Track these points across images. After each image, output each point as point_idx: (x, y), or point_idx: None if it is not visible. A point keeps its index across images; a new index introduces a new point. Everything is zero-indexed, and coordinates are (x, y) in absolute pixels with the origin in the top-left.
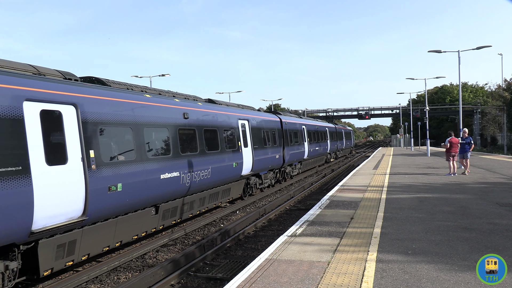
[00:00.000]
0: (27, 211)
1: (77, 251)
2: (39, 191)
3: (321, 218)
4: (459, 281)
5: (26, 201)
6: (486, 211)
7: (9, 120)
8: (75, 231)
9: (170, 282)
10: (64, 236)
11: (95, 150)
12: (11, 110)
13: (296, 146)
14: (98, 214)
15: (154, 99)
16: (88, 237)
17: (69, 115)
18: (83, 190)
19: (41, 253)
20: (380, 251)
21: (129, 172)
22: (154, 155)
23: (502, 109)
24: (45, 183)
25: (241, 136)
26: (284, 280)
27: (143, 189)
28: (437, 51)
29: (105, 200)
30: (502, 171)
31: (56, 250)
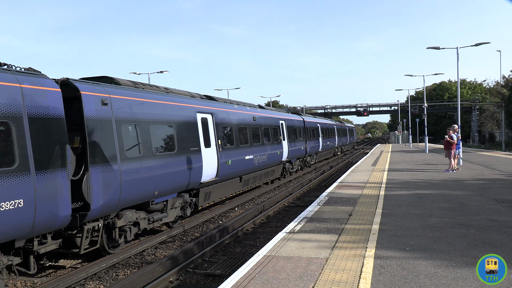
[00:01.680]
0: (200, 171)
1: (211, 198)
2: (203, 161)
3: (319, 215)
4: (457, 277)
5: (200, 165)
6: (484, 208)
7: (193, 124)
8: (211, 186)
9: (168, 279)
10: (207, 188)
11: (220, 140)
12: (195, 117)
13: (313, 140)
14: (221, 177)
15: (240, 108)
16: (216, 190)
17: (210, 120)
18: (216, 163)
19: (200, 196)
20: (378, 247)
21: (233, 153)
22: (242, 143)
23: (500, 106)
24: (205, 157)
25: (280, 132)
26: (283, 276)
27: (238, 165)
28: (435, 48)
29: (224, 169)
30: (500, 168)
31: (204, 195)
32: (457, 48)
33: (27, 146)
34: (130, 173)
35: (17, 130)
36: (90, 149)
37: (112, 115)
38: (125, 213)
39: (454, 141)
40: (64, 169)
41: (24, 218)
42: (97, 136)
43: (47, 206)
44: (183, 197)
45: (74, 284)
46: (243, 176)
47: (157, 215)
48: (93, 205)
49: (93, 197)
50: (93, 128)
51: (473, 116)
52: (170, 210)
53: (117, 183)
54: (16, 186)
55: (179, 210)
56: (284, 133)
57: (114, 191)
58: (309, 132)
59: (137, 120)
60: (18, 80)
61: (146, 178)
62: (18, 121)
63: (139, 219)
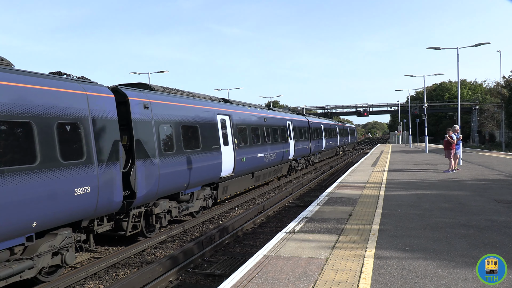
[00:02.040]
0: (220, 167)
1: (228, 191)
2: (223, 158)
3: (319, 215)
4: (457, 278)
5: (220, 162)
6: (484, 208)
7: (215, 124)
8: (228, 181)
9: (168, 279)
10: (225, 182)
11: (236, 139)
12: (215, 119)
13: (317, 140)
14: (237, 173)
15: (252, 109)
16: (232, 185)
17: (228, 121)
18: (233, 159)
19: (219, 189)
20: (378, 247)
21: (247, 151)
22: (254, 142)
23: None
24: (223, 154)
25: (287, 132)
26: (282, 276)
27: (251, 162)
28: (436, 48)
29: (240, 165)
30: (500, 168)
31: (223, 189)
32: (457, 48)
33: (92, 142)
34: (166, 167)
35: (84, 129)
36: (136, 146)
37: (152, 117)
38: (161, 202)
39: (454, 141)
40: (117, 162)
41: (90, 202)
42: (141, 135)
43: (106, 193)
44: (205, 190)
45: (74, 283)
46: (255, 173)
47: (185, 205)
48: (138, 194)
49: (138, 187)
50: (138, 128)
51: (473, 116)
52: (196, 201)
53: (156, 176)
54: (84, 176)
55: (202, 201)
56: (290, 133)
57: (154, 183)
58: (313, 132)
59: (170, 121)
60: (84, 89)
61: (178, 172)
62: (85, 122)
63: (171, 207)
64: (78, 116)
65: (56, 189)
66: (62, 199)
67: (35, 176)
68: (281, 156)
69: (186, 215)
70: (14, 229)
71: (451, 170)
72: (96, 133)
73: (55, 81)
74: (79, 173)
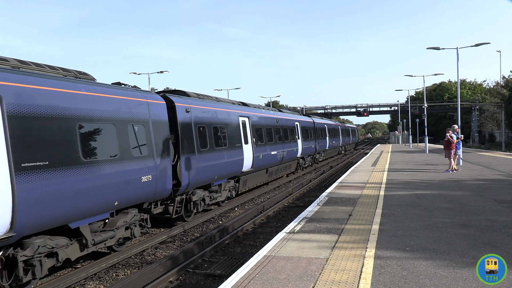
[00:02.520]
0: (242, 162)
1: (247, 184)
2: (244, 155)
3: (319, 215)
4: (457, 278)
5: (242, 158)
6: (484, 208)
7: (237, 125)
8: (247, 175)
9: (168, 279)
10: (245, 176)
11: (254, 138)
12: (238, 120)
13: (322, 140)
14: (255, 168)
15: (266, 111)
16: (250, 179)
17: (247, 122)
18: (252, 156)
19: (240, 182)
20: (378, 247)
21: (263, 149)
22: (268, 141)
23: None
24: (244, 151)
25: (296, 132)
26: (283, 276)
27: (266, 159)
28: (435, 48)
29: (257, 162)
30: (500, 168)
31: (243, 182)
32: (457, 48)
33: (152, 140)
34: (202, 161)
35: (146, 130)
36: (181, 143)
37: (191, 119)
38: (197, 191)
39: (454, 141)
40: (169, 156)
41: (151, 188)
42: (184, 134)
43: (161, 181)
44: (230, 182)
45: (74, 284)
46: (269, 169)
47: (215, 194)
48: (182, 183)
49: (182, 177)
50: (182, 128)
51: (473, 116)
52: (223, 191)
53: (196, 168)
54: (148, 167)
55: (228, 192)
56: (299, 133)
57: (193, 174)
58: (318, 132)
59: (204, 122)
60: (145, 97)
61: (210, 165)
62: (147, 124)
63: (205, 196)
64: (142, 119)
65: (130, 177)
66: (133, 185)
67: (117, 166)
68: (291, 154)
69: (214, 204)
70: (105, 206)
71: (451, 170)
72: (154, 133)
73: (128, 92)
74: (144, 164)
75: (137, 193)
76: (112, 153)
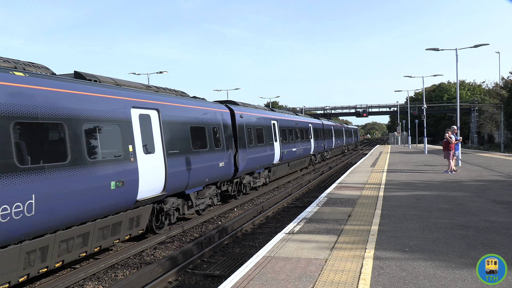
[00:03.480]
0: (273, 156)
1: (276, 174)
2: (275, 150)
3: (318, 216)
4: (456, 278)
5: (273, 153)
6: (483, 209)
7: (270, 127)
8: (276, 167)
9: (167, 280)
10: (274, 168)
11: (281, 137)
12: (270, 123)
13: (328, 139)
14: (282, 161)
15: (287, 115)
16: (278, 170)
17: (276, 124)
18: (279, 152)
19: (271, 172)
20: (377, 248)
21: (286, 146)
22: (290, 140)
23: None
24: (275, 148)
25: (310, 132)
26: (282, 277)
27: (289, 154)
28: (435, 49)
29: (283, 156)
30: (499, 169)
31: (273, 172)
32: (456, 49)
33: (222, 137)
34: (250, 154)
35: (220, 130)
36: (238, 140)
37: (243, 123)
38: (246, 176)
39: (452, 141)
40: (232, 149)
41: (223, 171)
42: (240, 134)
43: (229, 167)
44: (265, 172)
45: (73, 284)
46: (290, 162)
47: (256, 179)
48: (239, 169)
49: (239, 165)
50: (238, 129)
51: (472, 117)
52: (260, 178)
53: (246, 159)
54: (222, 156)
55: (263, 179)
56: (311, 133)
57: (245, 163)
58: (326, 133)
59: (251, 125)
60: (219, 108)
61: (255, 157)
62: (219, 126)
63: (250, 180)
64: (218, 123)
65: (214, 162)
66: (215, 168)
67: (208, 155)
68: (306, 151)
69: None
70: (202, 181)
71: (450, 171)
72: (224, 133)
73: (212, 104)
74: (221, 154)
75: (217, 174)
76: (206, 146)
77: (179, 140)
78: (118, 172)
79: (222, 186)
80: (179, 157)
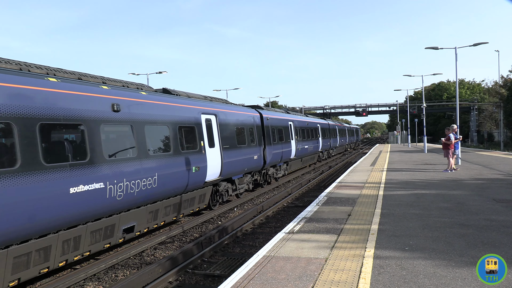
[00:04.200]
0: (291, 152)
1: (291, 168)
2: (291, 147)
3: (318, 215)
4: (456, 277)
5: (290, 149)
6: (483, 207)
7: (288, 127)
8: (292, 161)
9: (168, 280)
10: (291, 162)
11: (296, 136)
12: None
13: (334, 138)
14: (296, 157)
15: (300, 116)
16: (293, 164)
17: (292, 125)
18: (295, 148)
19: (289, 165)
20: (377, 247)
21: (301, 144)
22: (303, 139)
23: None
24: (291, 145)
25: (318, 132)
26: (282, 277)
27: (302, 151)
28: (434, 48)
29: (297, 152)
30: (499, 167)
31: (289, 166)
32: (455, 48)
33: (255, 136)
34: (273, 150)
35: (254, 130)
36: (265, 138)
37: (269, 124)
38: (270, 168)
39: (450, 142)
40: (262, 145)
41: (256, 163)
42: (267, 133)
43: (260, 159)
44: (284, 165)
45: (73, 285)
46: (302, 158)
47: (277, 171)
48: (266, 161)
49: (266, 158)
50: (266, 129)
51: (472, 116)
52: (281, 170)
53: (271, 154)
54: (255, 150)
55: (283, 171)
56: (319, 132)
57: (271, 157)
58: (332, 132)
59: (274, 126)
60: (252, 112)
61: (277, 153)
62: (253, 127)
63: (274, 171)
64: (252, 124)
65: (251, 156)
66: (251, 160)
67: (246, 150)
68: (315, 148)
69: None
70: (242, 170)
71: (450, 170)
72: (257, 132)
73: (248, 108)
74: (254, 149)
75: (252, 165)
76: (245, 143)
77: (228, 138)
78: (196, 160)
79: (254, 176)
80: (229, 151)
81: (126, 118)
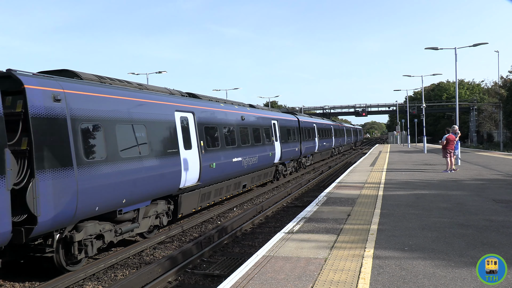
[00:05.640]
0: (299, 151)
1: (314, 159)
2: (300, 146)
3: (318, 215)
4: (456, 277)
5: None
6: (482, 208)
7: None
8: (315, 154)
9: (167, 279)
10: (315, 154)
11: (318, 135)
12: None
13: (342, 137)
14: (317, 150)
15: (318, 119)
16: (315, 157)
17: (315, 126)
18: (318, 144)
19: (314, 156)
20: (377, 247)
21: (321, 141)
22: (322, 137)
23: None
24: (316, 142)
25: (332, 132)
26: (281, 276)
27: (322, 147)
28: (434, 48)
29: (319, 147)
30: (498, 168)
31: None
32: (455, 48)
33: (295, 134)
34: (306, 145)
35: (295, 130)
36: (301, 135)
37: (302, 126)
38: (302, 158)
39: (443, 143)
40: (299, 141)
41: (297, 153)
42: (302, 132)
43: (298, 151)
44: (294, 162)
45: (73, 284)
46: (322, 152)
47: (307, 160)
48: (282, 157)
49: (282, 154)
50: (301, 130)
51: (471, 116)
52: (308, 160)
53: (304, 148)
54: (296, 144)
55: (310, 161)
56: (332, 132)
57: (304, 150)
58: (342, 132)
59: (305, 127)
60: (293, 117)
61: (308, 147)
62: (295, 128)
63: (305, 160)
64: (294, 126)
65: (294, 148)
66: (294, 151)
67: (292, 143)
68: (330, 145)
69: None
70: (290, 157)
71: (449, 170)
72: (296, 131)
73: (290, 115)
74: (295, 143)
75: (295, 154)
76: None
77: (284, 135)
78: (270, 148)
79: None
80: (286, 144)
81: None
